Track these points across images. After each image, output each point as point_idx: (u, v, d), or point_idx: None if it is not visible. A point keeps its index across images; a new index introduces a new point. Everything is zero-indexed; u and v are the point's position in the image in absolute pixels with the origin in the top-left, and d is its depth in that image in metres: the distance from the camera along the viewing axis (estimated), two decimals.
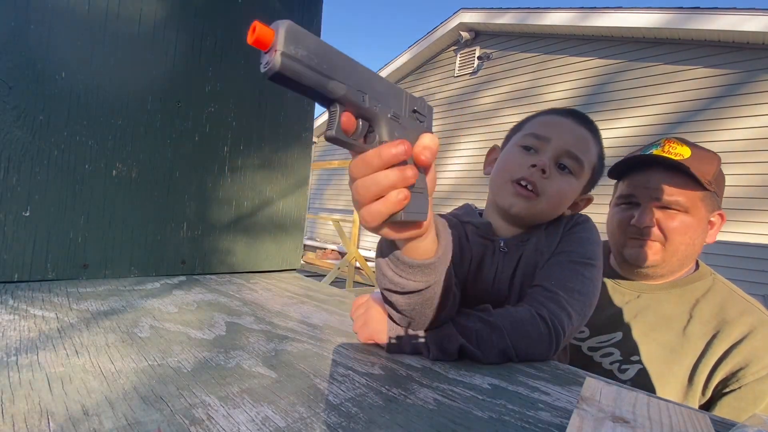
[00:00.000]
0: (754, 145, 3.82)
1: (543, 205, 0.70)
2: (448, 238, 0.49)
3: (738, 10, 3.92)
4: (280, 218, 1.22)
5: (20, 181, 0.80)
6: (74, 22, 0.84)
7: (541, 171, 0.68)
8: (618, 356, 0.80)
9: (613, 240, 0.89)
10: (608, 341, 0.83)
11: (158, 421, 0.35)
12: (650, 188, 0.81)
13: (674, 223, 0.79)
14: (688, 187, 0.78)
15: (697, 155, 0.80)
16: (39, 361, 0.45)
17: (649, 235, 0.81)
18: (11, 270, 0.79)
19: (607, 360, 0.81)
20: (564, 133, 0.71)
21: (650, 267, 0.82)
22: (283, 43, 0.31)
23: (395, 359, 0.56)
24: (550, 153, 0.69)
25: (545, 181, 0.68)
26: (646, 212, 0.80)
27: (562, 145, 0.69)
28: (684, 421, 0.39)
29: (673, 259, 0.81)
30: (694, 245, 0.81)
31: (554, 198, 0.70)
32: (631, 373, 0.78)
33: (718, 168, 0.81)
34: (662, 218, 0.80)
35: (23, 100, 0.79)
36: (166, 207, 0.99)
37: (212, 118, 1.05)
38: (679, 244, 0.80)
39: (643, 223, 0.80)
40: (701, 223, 0.81)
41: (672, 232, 0.79)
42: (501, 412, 0.42)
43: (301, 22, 1.21)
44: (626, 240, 0.85)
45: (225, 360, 0.51)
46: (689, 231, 0.80)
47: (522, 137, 0.74)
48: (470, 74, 6.48)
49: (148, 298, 0.77)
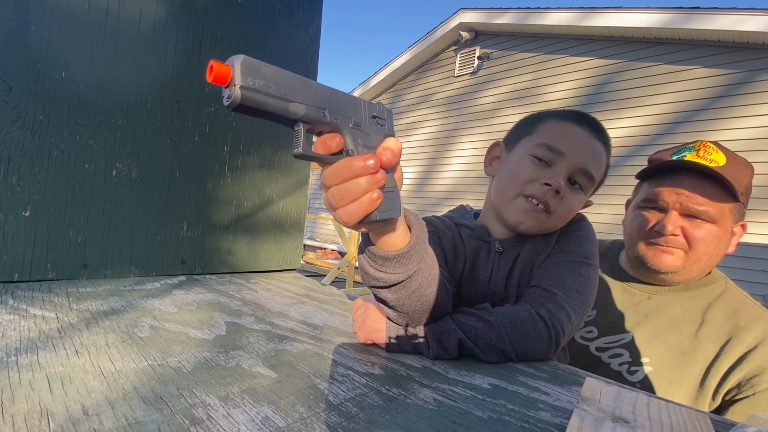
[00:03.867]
0: (755, 145, 3.83)
1: (552, 222, 0.69)
2: (420, 228, 0.51)
3: (738, 10, 3.92)
4: (280, 218, 1.22)
5: (20, 181, 0.80)
6: (74, 22, 0.84)
7: (555, 191, 0.66)
8: (627, 357, 0.79)
9: (631, 241, 0.87)
10: (617, 342, 0.82)
11: (158, 421, 0.35)
12: (680, 195, 0.78)
13: (700, 233, 0.77)
14: (720, 198, 0.75)
15: (733, 163, 0.77)
16: (39, 361, 0.45)
17: (673, 242, 0.79)
18: (11, 270, 0.79)
19: (615, 361, 0.80)
20: (580, 148, 0.68)
21: (670, 273, 0.81)
22: (240, 77, 0.35)
23: (395, 359, 0.56)
24: (565, 171, 0.67)
25: (557, 200, 0.67)
26: (672, 219, 0.78)
27: (578, 163, 0.68)
28: (684, 421, 0.39)
29: (694, 268, 0.80)
30: (716, 255, 0.80)
31: (564, 215, 0.69)
32: (641, 375, 0.77)
33: (751, 178, 0.79)
34: (688, 227, 0.78)
35: (23, 100, 0.79)
36: (166, 207, 0.99)
37: (212, 118, 1.05)
38: (702, 254, 0.78)
39: (670, 230, 0.78)
40: (726, 234, 0.79)
41: (697, 242, 0.77)
42: (501, 412, 0.42)
43: (301, 22, 1.21)
44: (646, 243, 0.83)
45: (225, 360, 0.51)
46: (714, 242, 0.78)
47: (535, 146, 0.70)
48: (470, 74, 6.48)
49: (148, 298, 0.77)
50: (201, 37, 1.02)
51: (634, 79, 4.68)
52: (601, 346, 0.83)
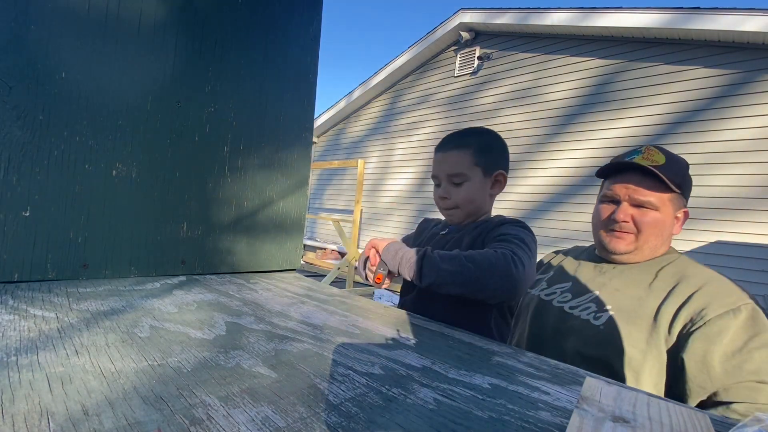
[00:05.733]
0: (755, 145, 3.82)
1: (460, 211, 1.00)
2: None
3: (738, 10, 3.92)
4: (280, 218, 1.22)
5: (20, 181, 0.80)
6: (74, 22, 0.84)
7: (441, 198, 1.00)
8: (594, 308, 0.97)
9: (595, 230, 1.07)
10: (586, 299, 1.00)
11: (158, 421, 0.35)
12: (629, 189, 0.97)
13: (647, 219, 0.96)
14: (660, 189, 0.94)
15: (671, 161, 0.96)
16: (39, 361, 0.45)
17: (625, 228, 0.98)
18: (11, 270, 0.79)
19: (584, 312, 0.98)
20: (440, 166, 1.00)
21: (625, 254, 1.00)
22: None
23: (395, 359, 0.56)
24: (443, 183, 0.99)
25: (451, 201, 0.98)
26: (623, 209, 0.98)
27: (443, 175, 0.99)
28: (684, 421, 0.39)
29: (645, 247, 0.98)
30: (663, 236, 0.98)
31: (463, 202, 0.98)
32: (604, 318, 0.93)
33: (686, 173, 0.98)
34: (637, 215, 0.97)
35: (23, 100, 0.79)
36: (166, 207, 0.99)
37: (212, 118, 1.05)
38: (649, 236, 0.97)
39: (621, 218, 0.97)
40: (668, 218, 0.97)
41: (644, 226, 0.96)
42: (501, 412, 0.42)
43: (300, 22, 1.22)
44: (605, 231, 1.03)
45: (225, 360, 0.51)
46: (658, 225, 0.96)
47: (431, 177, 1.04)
48: (470, 74, 6.48)
49: (148, 298, 0.77)
50: (201, 37, 1.02)
51: (634, 79, 4.68)
52: (574, 305, 1.01)
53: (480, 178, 0.95)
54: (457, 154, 0.96)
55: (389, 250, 0.86)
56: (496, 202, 1.04)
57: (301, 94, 1.23)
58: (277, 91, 1.17)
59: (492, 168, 0.97)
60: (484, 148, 0.96)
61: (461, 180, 0.95)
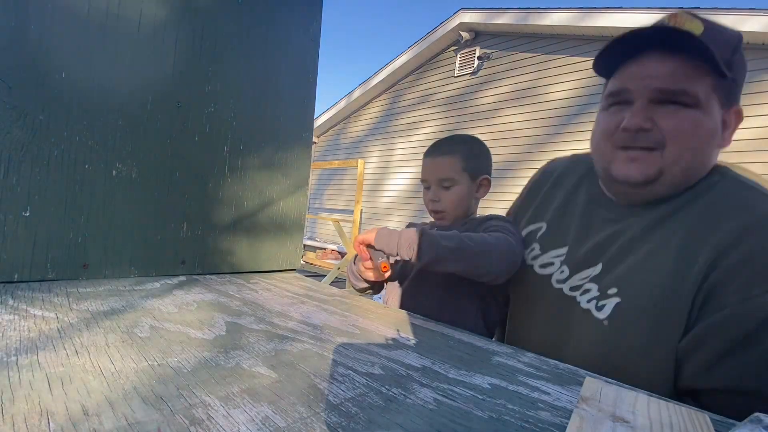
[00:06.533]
0: (755, 145, 3.83)
1: (449, 215, 1.02)
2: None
3: (738, 10, 3.92)
4: (281, 218, 1.22)
5: (20, 181, 0.80)
6: (74, 22, 0.84)
7: (432, 201, 1.04)
8: (595, 292, 0.67)
9: (599, 154, 0.71)
10: (587, 277, 0.70)
11: (158, 421, 0.35)
12: (645, 77, 0.61)
13: (676, 121, 0.59)
14: (698, 72, 0.58)
15: (712, 30, 0.60)
16: (39, 361, 0.45)
17: (643, 140, 0.62)
18: (11, 270, 0.79)
19: (584, 298, 0.69)
20: (429, 172, 1.05)
21: (647, 184, 0.63)
22: None
23: (395, 359, 0.56)
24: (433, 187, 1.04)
25: (440, 203, 1.03)
26: (638, 109, 0.61)
27: (433, 181, 1.03)
28: (684, 421, 0.39)
29: (675, 170, 0.61)
30: (704, 151, 0.60)
31: (450, 205, 1.02)
32: (608, 309, 0.64)
33: (738, 47, 0.61)
34: (660, 117, 0.60)
35: (23, 100, 0.79)
36: (166, 207, 0.99)
37: (212, 118, 1.05)
38: (683, 150, 0.59)
39: (635, 124, 0.61)
40: (712, 120, 0.60)
41: (673, 133, 0.59)
42: (501, 412, 0.42)
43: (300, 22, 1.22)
44: (612, 150, 0.66)
45: (225, 360, 0.51)
46: (697, 131, 0.59)
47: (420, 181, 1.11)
48: (470, 74, 6.48)
49: (148, 298, 0.77)
50: (201, 37, 1.02)
51: None
52: (575, 284, 0.72)
53: (467, 182, 1.00)
54: (447, 160, 1.01)
55: (382, 236, 0.84)
56: (497, 201, 1.05)
57: (301, 94, 1.23)
58: (277, 91, 1.17)
59: (478, 173, 1.02)
60: (471, 155, 1.02)
61: (450, 184, 1.00)
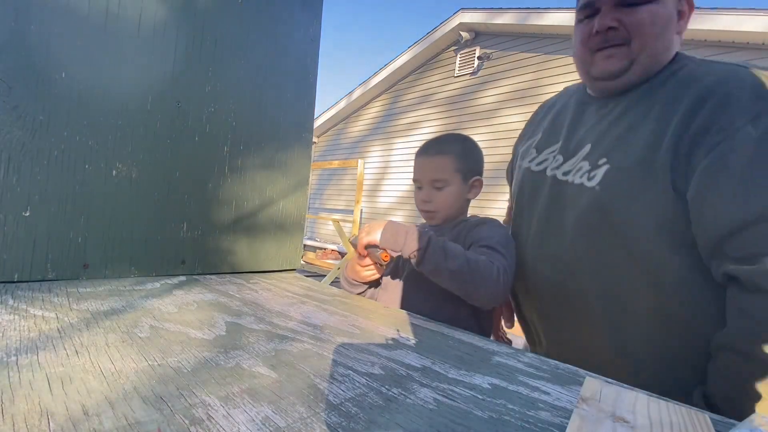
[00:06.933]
0: None
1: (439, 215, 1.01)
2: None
3: (738, 10, 3.91)
4: (281, 218, 1.22)
5: (20, 181, 0.80)
6: (74, 22, 0.84)
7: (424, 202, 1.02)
8: (586, 167, 0.77)
9: (581, 61, 0.82)
10: (578, 158, 0.80)
11: (158, 421, 0.35)
12: None
13: (636, 16, 0.70)
14: None
15: None
16: (39, 361, 0.45)
17: (613, 38, 0.73)
18: (11, 270, 0.79)
19: (577, 176, 0.79)
20: (423, 171, 1.02)
21: (621, 75, 0.75)
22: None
23: (395, 359, 0.56)
24: (425, 187, 1.01)
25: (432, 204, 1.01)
26: (603, 14, 0.73)
27: (425, 180, 1.01)
28: (684, 421, 0.39)
29: (642, 57, 0.73)
30: (665, 37, 0.72)
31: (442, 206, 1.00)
32: (599, 176, 0.74)
33: None
34: (624, 15, 0.71)
35: (23, 100, 0.79)
36: (166, 207, 0.99)
37: (212, 118, 1.05)
38: (647, 40, 0.71)
39: (603, 25, 0.72)
40: (668, 10, 0.72)
41: (636, 27, 0.71)
42: (501, 412, 0.42)
43: (300, 22, 1.22)
44: (590, 54, 0.78)
45: (225, 360, 0.51)
46: (657, 21, 0.70)
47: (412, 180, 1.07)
48: (470, 74, 6.48)
49: (148, 298, 0.77)
50: (201, 37, 1.02)
51: None
52: (567, 169, 0.82)
53: (459, 183, 0.99)
54: (440, 160, 0.99)
55: (387, 237, 0.86)
56: (497, 201, 1.05)
57: (301, 94, 1.23)
58: (277, 91, 1.17)
59: (470, 174, 1.00)
60: (464, 155, 1.00)
61: (443, 185, 0.98)
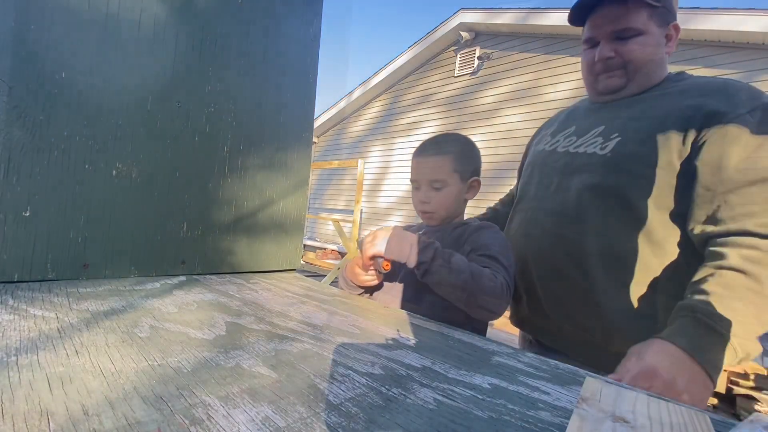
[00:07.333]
0: None
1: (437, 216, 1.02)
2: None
3: (738, 10, 3.91)
4: (280, 218, 1.22)
5: (20, 181, 0.80)
6: (74, 22, 0.84)
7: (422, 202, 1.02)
8: (600, 141, 0.92)
9: (588, 81, 1.02)
10: (593, 134, 0.95)
11: (158, 421, 0.35)
12: (603, 24, 0.92)
13: (630, 46, 0.89)
14: (635, 10, 0.87)
15: None
16: (39, 361, 0.45)
17: (612, 65, 0.93)
18: (11, 270, 0.79)
19: (590, 147, 0.93)
20: (420, 171, 1.01)
21: (620, 90, 0.94)
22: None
23: (395, 359, 0.56)
24: (423, 188, 1.01)
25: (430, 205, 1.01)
26: (602, 47, 0.92)
27: (424, 180, 1.00)
28: (684, 421, 0.39)
29: (638, 76, 0.92)
30: (655, 58, 0.91)
31: (441, 206, 1.00)
32: (611, 146, 0.89)
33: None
34: (619, 47, 0.91)
35: (23, 100, 0.79)
36: (166, 207, 0.99)
37: (212, 118, 1.05)
38: (640, 63, 0.90)
39: (603, 56, 0.92)
40: (655, 37, 0.90)
41: (630, 54, 0.90)
42: (501, 412, 0.42)
43: (301, 22, 1.22)
44: (595, 78, 0.97)
45: (225, 360, 0.51)
46: (645, 48, 0.89)
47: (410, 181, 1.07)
48: (470, 74, 6.48)
49: (148, 298, 0.77)
50: (201, 37, 1.02)
51: None
52: (580, 143, 0.97)
53: (457, 183, 0.99)
54: (438, 160, 0.99)
55: (392, 248, 0.87)
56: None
57: (301, 94, 1.23)
58: (277, 92, 1.17)
59: (468, 174, 1.00)
60: (462, 156, 1.00)
61: (441, 185, 0.98)
